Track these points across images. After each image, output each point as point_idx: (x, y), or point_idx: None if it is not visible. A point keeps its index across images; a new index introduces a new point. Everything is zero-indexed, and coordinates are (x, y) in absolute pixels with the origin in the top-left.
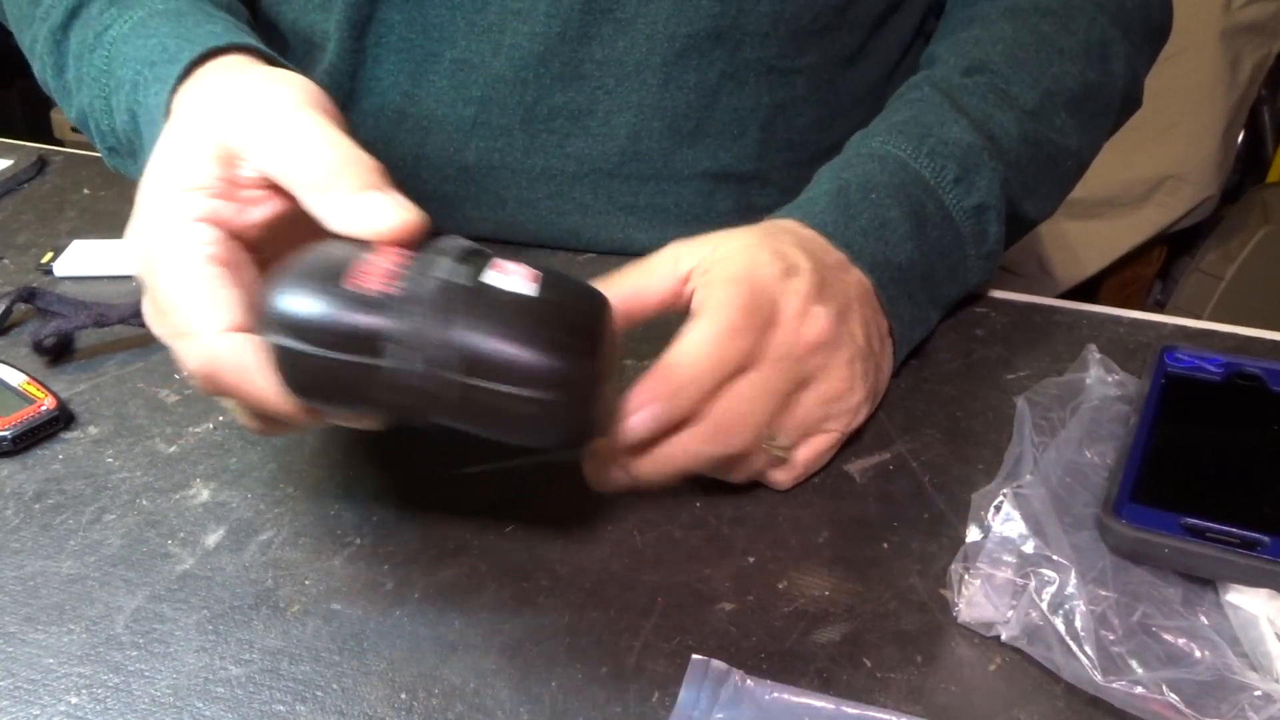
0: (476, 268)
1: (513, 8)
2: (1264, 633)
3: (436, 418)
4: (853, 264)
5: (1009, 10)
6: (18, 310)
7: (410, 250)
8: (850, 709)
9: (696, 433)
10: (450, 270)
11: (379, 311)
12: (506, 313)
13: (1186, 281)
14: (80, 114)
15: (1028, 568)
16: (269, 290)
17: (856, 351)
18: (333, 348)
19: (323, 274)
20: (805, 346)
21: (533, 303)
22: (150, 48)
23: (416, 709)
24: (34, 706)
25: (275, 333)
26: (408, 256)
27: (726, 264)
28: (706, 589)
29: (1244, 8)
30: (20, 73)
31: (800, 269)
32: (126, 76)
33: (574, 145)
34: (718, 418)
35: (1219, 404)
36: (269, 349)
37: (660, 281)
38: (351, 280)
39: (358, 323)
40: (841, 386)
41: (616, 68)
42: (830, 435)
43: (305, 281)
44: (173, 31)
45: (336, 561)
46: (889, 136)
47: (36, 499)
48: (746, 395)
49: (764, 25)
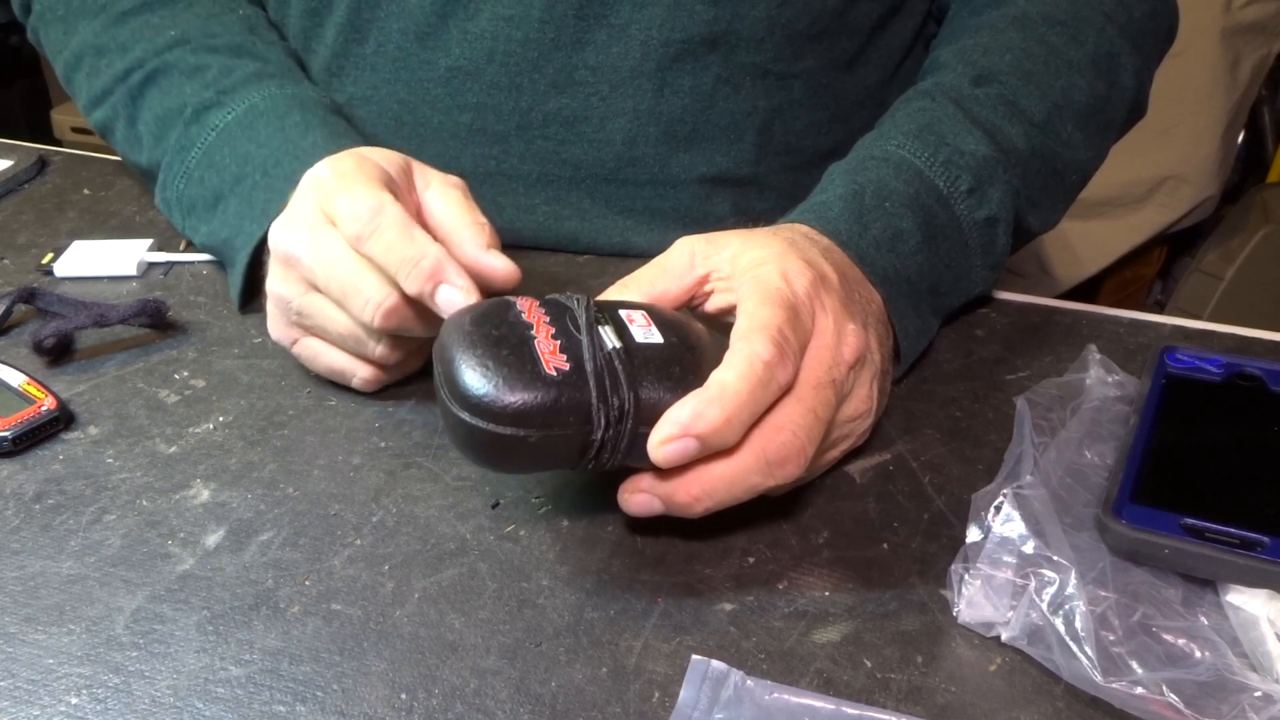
0: (616, 327)
1: (505, 15)
2: (1264, 633)
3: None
4: (865, 277)
5: (1017, 20)
6: (18, 310)
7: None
8: (850, 709)
9: (749, 467)
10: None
11: (565, 386)
12: (654, 366)
13: (1186, 281)
14: (151, 164)
15: (1028, 568)
16: (461, 379)
17: (876, 371)
18: (535, 427)
19: (504, 360)
20: (844, 367)
21: (667, 350)
22: (261, 156)
23: (416, 709)
24: (34, 707)
25: (476, 419)
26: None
27: (761, 274)
28: (706, 589)
29: (1244, 8)
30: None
31: (830, 280)
32: (228, 166)
33: (570, 151)
34: (772, 452)
35: (1219, 404)
36: (456, 423)
37: (678, 282)
38: (533, 364)
39: (553, 400)
40: (863, 406)
41: (611, 73)
42: (837, 451)
43: (494, 371)
44: (282, 145)
45: (336, 561)
46: (904, 141)
47: (36, 499)
48: (801, 425)
49: (759, 30)
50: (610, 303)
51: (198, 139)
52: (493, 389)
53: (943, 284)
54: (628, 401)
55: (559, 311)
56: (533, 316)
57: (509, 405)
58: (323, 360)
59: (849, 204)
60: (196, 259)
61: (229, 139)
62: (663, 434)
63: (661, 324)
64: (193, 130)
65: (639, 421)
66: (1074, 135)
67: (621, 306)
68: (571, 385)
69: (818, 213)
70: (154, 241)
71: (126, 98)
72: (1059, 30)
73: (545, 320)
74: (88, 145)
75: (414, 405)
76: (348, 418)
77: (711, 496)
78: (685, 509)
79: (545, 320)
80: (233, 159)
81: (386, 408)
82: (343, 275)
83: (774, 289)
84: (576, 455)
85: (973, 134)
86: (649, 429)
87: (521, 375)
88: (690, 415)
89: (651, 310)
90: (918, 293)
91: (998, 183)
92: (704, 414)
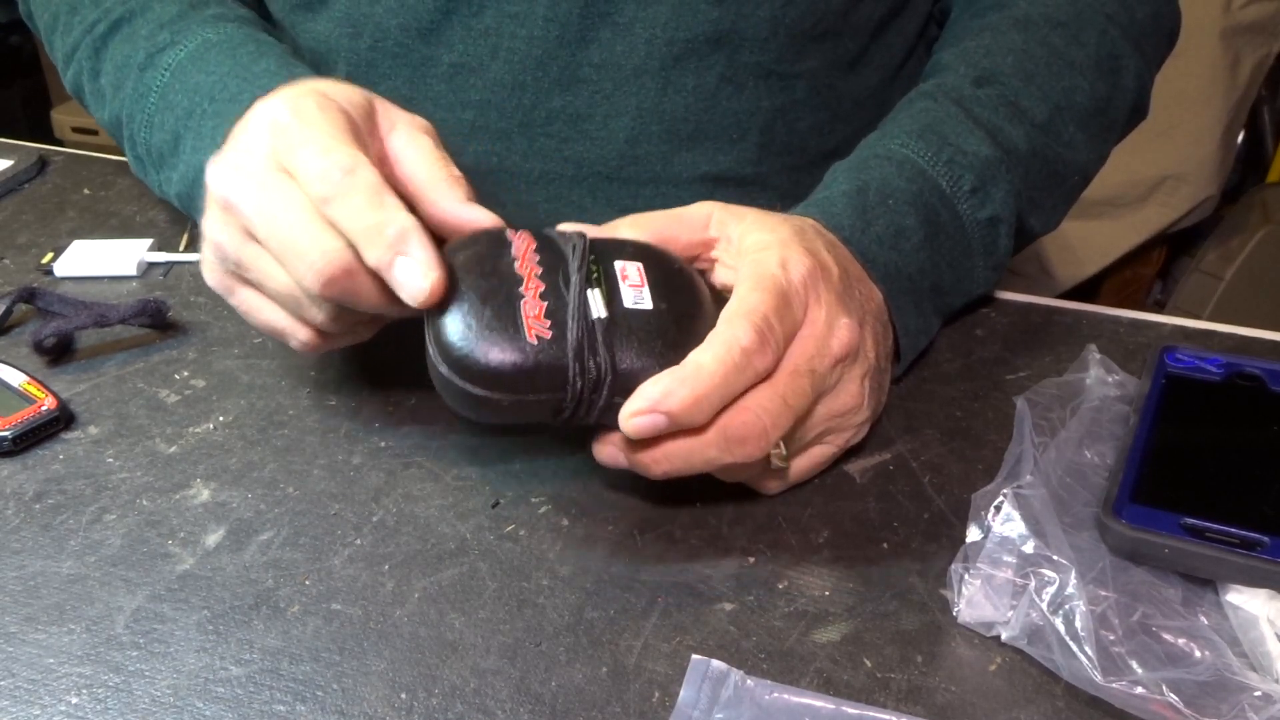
0: (605, 289)
1: (510, 11)
2: (1264, 633)
3: (580, 423)
4: (867, 274)
5: (1020, 21)
6: (18, 310)
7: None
8: (850, 709)
9: (708, 440)
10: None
11: (543, 355)
12: (637, 338)
13: (1186, 281)
14: (113, 119)
15: (1028, 568)
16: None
17: (869, 368)
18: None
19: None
20: (829, 359)
21: (654, 320)
22: (210, 84)
23: (416, 709)
24: (34, 706)
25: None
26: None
27: (761, 258)
28: (706, 589)
29: (1244, 8)
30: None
31: (830, 272)
32: (180, 103)
33: (572, 149)
34: (733, 429)
35: (1219, 404)
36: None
37: (689, 234)
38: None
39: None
40: (851, 402)
41: (614, 72)
42: (829, 449)
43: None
44: (232, 69)
45: (336, 561)
46: (907, 140)
47: (37, 499)
48: (767, 409)
49: (763, 30)
50: (610, 246)
51: (154, 83)
52: (473, 349)
53: (944, 283)
54: (604, 372)
55: (554, 260)
56: (526, 265)
57: (487, 368)
58: (259, 316)
59: (852, 200)
60: (197, 259)
61: (181, 75)
62: (633, 407)
63: (656, 283)
64: (148, 75)
65: (614, 392)
66: (1076, 136)
67: (620, 253)
68: (550, 353)
69: (821, 208)
70: (154, 241)
71: (90, 51)
72: (1061, 31)
73: (538, 273)
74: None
75: (415, 405)
76: (348, 418)
77: (670, 461)
78: (646, 469)
79: (538, 273)
80: (184, 94)
81: (386, 408)
82: (285, 233)
83: (769, 275)
84: (549, 416)
85: (975, 134)
86: (624, 399)
87: (502, 339)
88: (661, 393)
89: (652, 259)
90: (919, 291)
91: (1000, 183)
92: (674, 393)
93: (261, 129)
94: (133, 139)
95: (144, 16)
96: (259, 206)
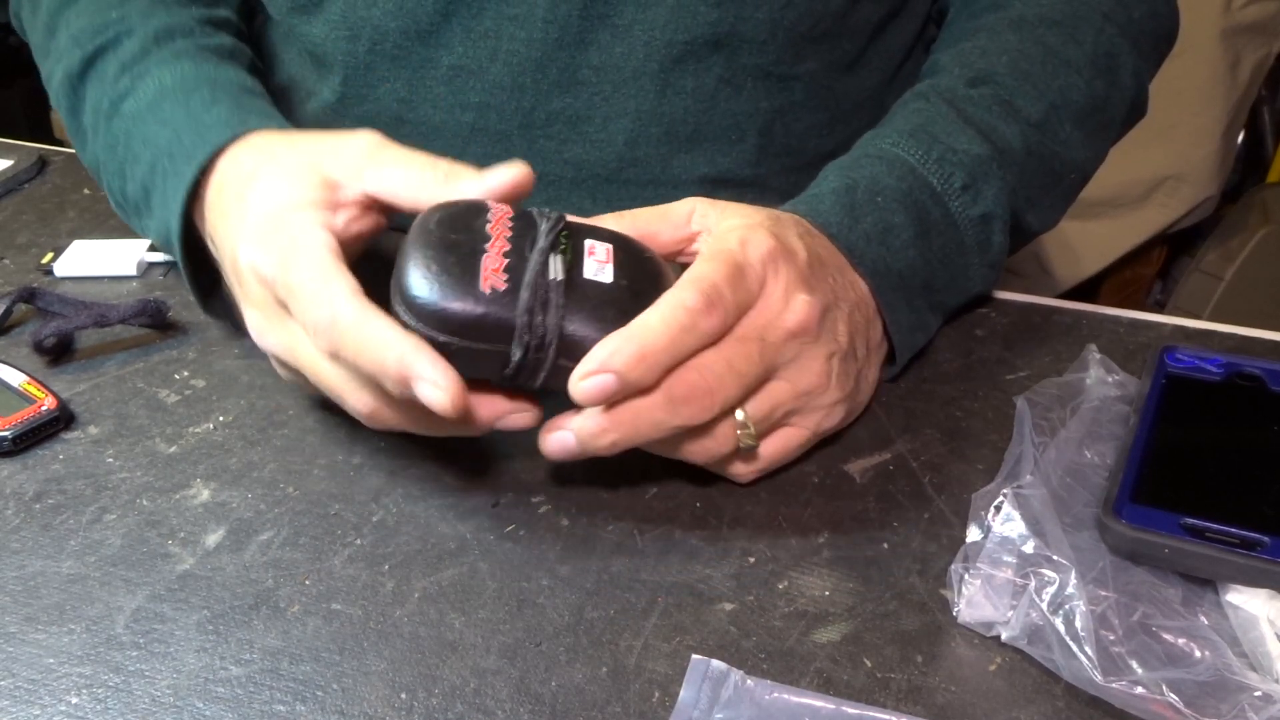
0: (569, 258)
1: (510, 14)
2: (1264, 633)
3: (527, 384)
4: (853, 268)
5: (1015, 21)
6: (18, 310)
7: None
8: (850, 709)
9: (654, 402)
10: (551, 264)
11: (495, 305)
12: (590, 305)
13: (1186, 281)
14: (93, 162)
15: (1028, 568)
16: (406, 277)
17: (837, 349)
18: (458, 335)
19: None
20: (782, 331)
21: (610, 292)
22: (166, 139)
23: (416, 709)
24: (34, 707)
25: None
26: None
27: (722, 237)
28: (706, 589)
29: (1244, 8)
30: (21, 73)
31: (795, 255)
32: (144, 156)
33: (571, 151)
34: (677, 389)
35: (1219, 404)
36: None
37: (672, 230)
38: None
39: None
40: (816, 381)
41: (614, 74)
42: (799, 431)
43: (435, 276)
44: (185, 121)
45: (336, 561)
46: (898, 139)
47: (37, 499)
48: (711, 368)
49: (762, 32)
50: (585, 227)
51: (119, 132)
52: (427, 292)
53: (937, 280)
54: (551, 332)
55: (526, 228)
56: (498, 228)
57: (436, 310)
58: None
59: (841, 197)
60: None
61: (141, 125)
62: (582, 369)
63: (622, 263)
64: (114, 124)
65: (560, 353)
66: (1073, 135)
67: (594, 234)
68: (501, 305)
69: (809, 204)
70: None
71: (69, 89)
72: (1056, 30)
73: (507, 235)
74: None
75: None
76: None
77: (618, 428)
78: (595, 441)
79: (507, 235)
80: (145, 147)
81: None
82: (326, 384)
83: (725, 250)
84: (497, 371)
85: (965, 133)
86: (570, 363)
87: (457, 286)
88: (608, 352)
89: (621, 246)
90: (910, 288)
91: (993, 180)
92: (620, 350)
93: (253, 282)
94: (109, 186)
95: (113, 53)
96: (293, 356)
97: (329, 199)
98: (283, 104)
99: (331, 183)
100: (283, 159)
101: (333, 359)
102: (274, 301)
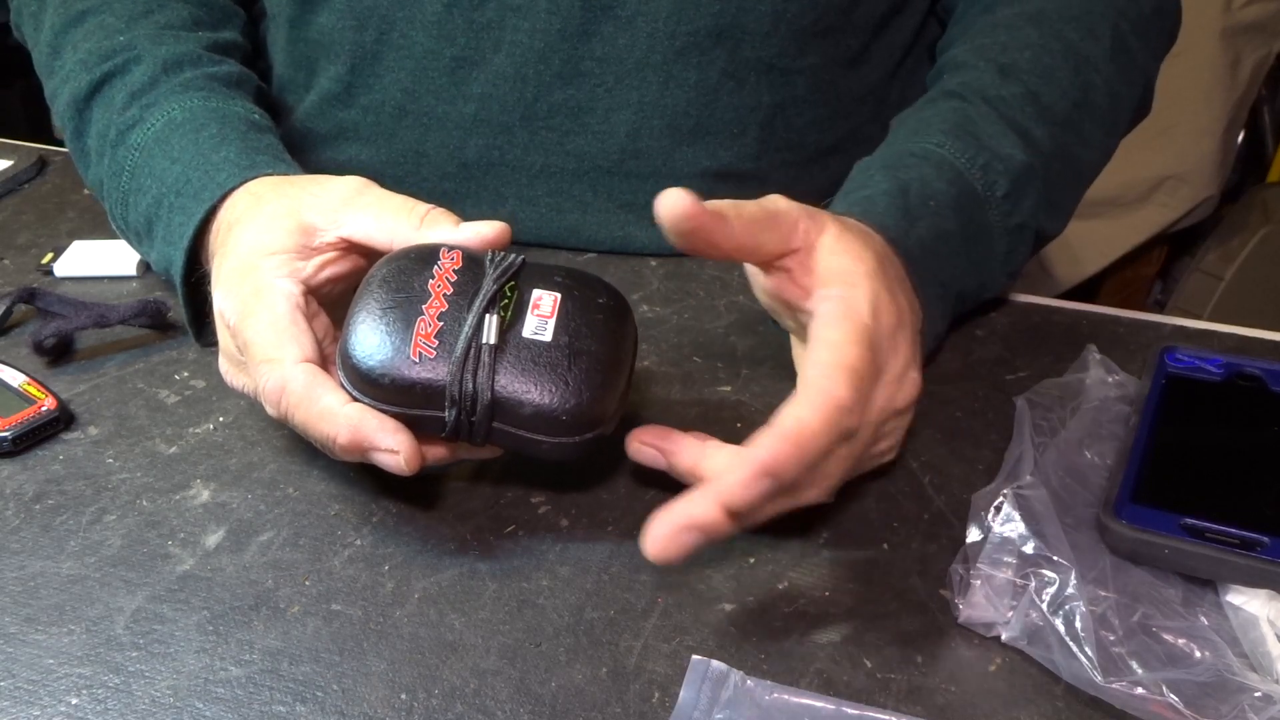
0: (506, 316)
1: (513, 4)
2: (1264, 633)
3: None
4: (910, 277)
5: (1033, 16)
6: (18, 310)
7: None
8: (850, 709)
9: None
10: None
11: (425, 371)
12: (522, 366)
13: (1186, 281)
14: (96, 183)
15: (1028, 568)
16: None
17: (912, 405)
18: (393, 402)
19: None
20: (893, 413)
21: (547, 353)
22: (174, 175)
23: (416, 709)
24: (34, 707)
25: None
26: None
27: (849, 301)
28: (706, 589)
29: (1244, 8)
30: (21, 73)
31: (906, 319)
32: (149, 189)
33: (574, 143)
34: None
35: (1219, 404)
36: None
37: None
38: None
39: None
40: (895, 442)
41: (616, 65)
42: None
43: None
44: (194, 159)
45: (336, 561)
46: (943, 139)
47: (36, 499)
48: (842, 461)
49: (765, 25)
50: (539, 274)
51: (126, 161)
52: (362, 361)
53: (968, 289)
54: (482, 396)
55: (470, 281)
56: (440, 283)
57: (369, 376)
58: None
59: (894, 200)
60: None
61: (148, 157)
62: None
63: (568, 314)
64: (120, 153)
65: (493, 416)
66: (1093, 133)
67: (545, 282)
68: (431, 370)
69: (863, 207)
70: None
71: (74, 111)
72: (1074, 26)
73: (446, 293)
74: None
75: None
76: None
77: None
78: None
79: (446, 293)
80: (151, 179)
81: None
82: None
83: (863, 325)
84: (438, 430)
85: (1008, 137)
86: (506, 423)
87: (388, 352)
88: (769, 454)
89: (572, 293)
90: (946, 298)
91: (1032, 190)
92: (780, 454)
93: (221, 326)
94: (112, 212)
95: (121, 80)
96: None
97: (301, 245)
98: (280, 104)
99: (307, 228)
100: (266, 205)
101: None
102: (236, 349)
